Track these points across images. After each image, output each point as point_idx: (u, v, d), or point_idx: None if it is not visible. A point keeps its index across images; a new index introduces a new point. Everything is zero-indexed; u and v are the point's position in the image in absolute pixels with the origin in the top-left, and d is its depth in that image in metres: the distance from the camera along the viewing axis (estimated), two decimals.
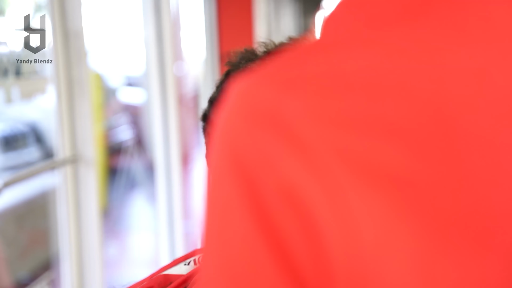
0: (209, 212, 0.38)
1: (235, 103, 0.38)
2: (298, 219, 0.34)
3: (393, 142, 0.35)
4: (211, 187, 0.38)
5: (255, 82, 0.38)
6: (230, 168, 0.36)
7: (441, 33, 0.38)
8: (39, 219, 3.51)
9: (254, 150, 0.35)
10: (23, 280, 3.21)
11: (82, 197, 2.11)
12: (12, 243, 3.30)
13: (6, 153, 4.10)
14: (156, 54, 3.02)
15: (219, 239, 0.37)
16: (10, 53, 1.83)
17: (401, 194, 0.34)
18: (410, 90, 0.37)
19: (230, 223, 0.36)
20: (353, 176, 0.34)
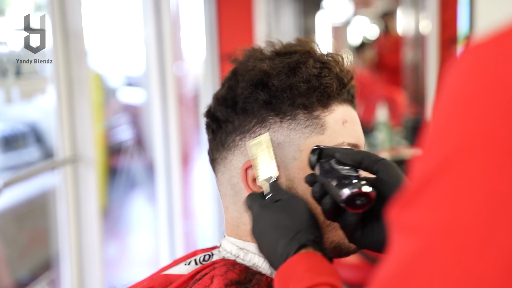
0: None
1: (489, 60, 0.41)
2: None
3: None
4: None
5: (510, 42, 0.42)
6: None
7: None
8: (39, 219, 3.51)
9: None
10: (23, 280, 3.21)
11: (82, 197, 2.11)
12: (12, 243, 3.30)
13: (6, 153, 4.10)
14: (156, 54, 3.02)
15: None
16: (10, 53, 1.83)
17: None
18: None
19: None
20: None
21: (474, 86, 0.41)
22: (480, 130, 0.40)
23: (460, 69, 0.43)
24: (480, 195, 0.39)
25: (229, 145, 0.92)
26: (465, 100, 0.42)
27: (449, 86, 0.43)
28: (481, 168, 0.39)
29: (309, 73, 0.89)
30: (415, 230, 0.41)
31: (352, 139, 0.90)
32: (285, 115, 0.89)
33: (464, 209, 0.39)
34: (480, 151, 0.40)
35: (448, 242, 0.39)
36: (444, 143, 0.41)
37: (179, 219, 3.13)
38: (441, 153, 0.41)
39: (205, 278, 0.87)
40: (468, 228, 0.39)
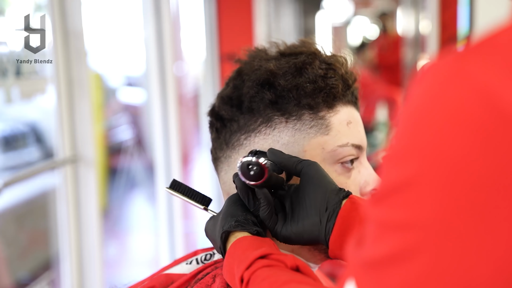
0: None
1: (450, 78, 0.44)
2: None
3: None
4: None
5: (472, 60, 0.44)
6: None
7: None
8: (39, 219, 3.51)
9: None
10: (23, 280, 3.21)
11: (82, 197, 2.11)
12: (12, 243, 3.30)
13: (6, 153, 4.10)
14: (156, 54, 3.02)
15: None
16: (10, 53, 1.83)
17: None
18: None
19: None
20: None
21: (435, 101, 0.44)
22: (437, 146, 0.43)
23: (422, 85, 0.45)
24: (442, 200, 0.43)
25: (233, 144, 0.92)
26: (424, 120, 0.44)
27: (413, 100, 0.46)
28: (435, 189, 0.43)
29: (315, 73, 0.89)
30: (389, 226, 0.46)
31: (356, 140, 0.91)
32: (291, 115, 0.89)
33: (432, 209, 0.43)
34: (438, 164, 0.43)
35: (415, 234, 0.44)
36: (408, 162, 0.45)
37: (179, 219, 3.13)
38: (404, 172, 0.45)
39: (207, 277, 0.87)
40: (431, 226, 0.43)
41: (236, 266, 0.76)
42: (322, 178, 0.82)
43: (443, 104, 0.43)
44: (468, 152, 0.41)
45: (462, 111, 0.42)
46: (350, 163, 0.90)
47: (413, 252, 0.43)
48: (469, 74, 0.43)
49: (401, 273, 0.44)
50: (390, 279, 0.44)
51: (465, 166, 0.41)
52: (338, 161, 0.89)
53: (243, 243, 0.80)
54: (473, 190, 0.41)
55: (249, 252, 0.77)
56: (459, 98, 0.42)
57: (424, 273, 0.43)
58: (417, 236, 0.43)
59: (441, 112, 0.43)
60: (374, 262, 0.46)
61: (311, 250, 0.91)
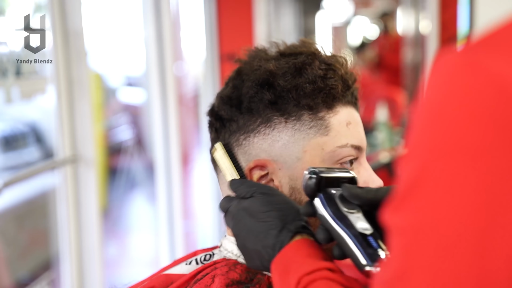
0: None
1: (465, 70, 0.44)
2: None
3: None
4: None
5: (485, 51, 0.44)
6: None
7: None
8: (39, 219, 3.51)
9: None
10: (23, 280, 3.21)
11: (82, 197, 2.11)
12: (12, 243, 3.30)
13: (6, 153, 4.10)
14: (156, 54, 3.01)
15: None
16: (10, 53, 1.83)
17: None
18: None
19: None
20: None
21: (447, 95, 0.44)
22: (452, 138, 0.43)
23: (437, 76, 0.46)
24: (453, 198, 0.43)
25: (232, 145, 0.92)
26: (439, 109, 0.45)
27: (427, 92, 0.46)
28: (454, 173, 0.43)
29: (315, 74, 0.89)
30: (402, 230, 0.45)
31: (355, 141, 0.90)
32: (290, 115, 0.89)
33: (441, 211, 0.43)
34: (452, 157, 0.43)
35: (428, 241, 0.43)
36: (423, 150, 0.45)
37: (179, 219, 3.13)
38: (420, 161, 0.45)
39: (206, 278, 0.87)
40: (443, 229, 0.43)
41: (296, 266, 0.73)
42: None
43: (460, 96, 0.44)
44: (485, 140, 0.42)
45: (477, 101, 0.43)
46: (350, 164, 0.90)
47: (434, 258, 0.43)
48: (481, 64, 0.43)
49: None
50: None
51: (483, 154, 0.42)
52: (338, 161, 0.89)
53: (309, 246, 0.76)
54: (491, 178, 0.42)
55: (315, 258, 0.73)
56: (473, 88, 0.43)
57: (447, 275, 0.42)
58: (432, 241, 0.43)
59: (458, 103, 0.43)
60: (392, 277, 0.45)
61: None
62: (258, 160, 0.90)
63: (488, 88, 0.42)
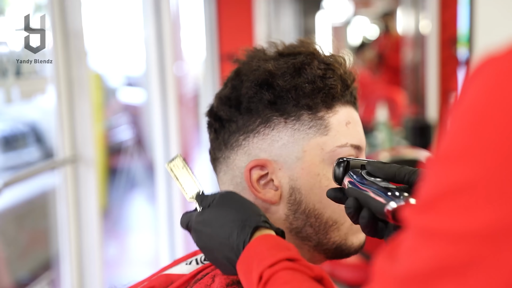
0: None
1: (508, 74, 0.42)
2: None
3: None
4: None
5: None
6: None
7: None
8: (39, 219, 3.51)
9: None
10: (23, 280, 3.21)
11: (82, 197, 2.11)
12: (12, 243, 3.30)
13: (6, 153, 4.10)
14: (156, 54, 3.02)
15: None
16: (10, 53, 1.83)
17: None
18: None
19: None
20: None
21: (493, 99, 0.42)
22: (498, 146, 0.41)
23: (483, 79, 0.43)
24: (490, 215, 0.40)
25: (232, 145, 0.92)
26: (484, 113, 0.42)
27: (469, 97, 0.43)
28: (499, 184, 0.40)
29: (314, 74, 0.89)
30: (437, 235, 0.42)
31: (355, 141, 0.91)
32: (290, 115, 0.89)
33: (480, 220, 0.40)
34: (497, 166, 0.40)
35: (466, 251, 0.40)
36: (464, 154, 0.42)
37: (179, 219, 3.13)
38: (461, 174, 0.42)
39: (207, 278, 0.87)
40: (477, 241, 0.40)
41: (257, 262, 0.74)
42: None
43: (502, 101, 0.41)
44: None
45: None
46: None
47: (467, 265, 0.40)
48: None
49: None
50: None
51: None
52: None
53: (269, 240, 0.77)
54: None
55: (275, 251, 0.74)
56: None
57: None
58: (473, 247, 0.40)
59: (503, 110, 0.41)
60: (411, 276, 0.42)
61: (310, 251, 0.91)
62: (257, 160, 0.90)
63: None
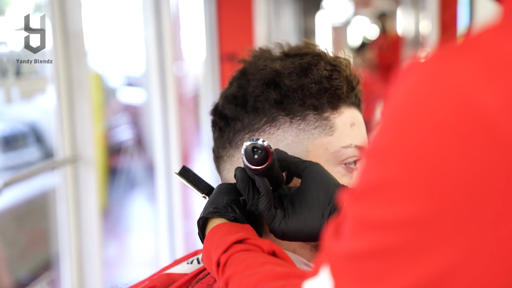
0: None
1: (431, 79, 0.44)
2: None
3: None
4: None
5: (454, 61, 0.44)
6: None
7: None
8: (39, 219, 3.51)
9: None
10: (23, 280, 3.21)
11: (82, 197, 2.11)
12: (12, 243, 3.30)
13: (6, 153, 4.10)
14: (156, 54, 3.02)
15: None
16: (10, 53, 1.83)
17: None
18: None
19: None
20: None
21: (411, 104, 0.45)
22: (413, 149, 0.44)
23: (404, 83, 0.46)
24: (407, 207, 0.44)
25: (237, 143, 0.92)
26: (405, 120, 0.45)
27: (394, 97, 0.47)
28: (415, 190, 0.44)
29: (320, 74, 0.90)
30: (366, 223, 0.47)
31: (359, 142, 0.91)
32: (295, 115, 0.89)
33: (392, 218, 0.45)
34: (408, 168, 0.44)
35: (375, 236, 0.46)
36: (389, 162, 0.45)
37: (179, 219, 3.13)
38: (385, 171, 0.46)
39: (209, 277, 0.87)
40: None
41: (213, 251, 0.77)
42: (324, 175, 0.82)
43: (423, 107, 0.44)
44: (448, 154, 0.42)
45: (442, 114, 0.43)
46: (354, 164, 0.90)
47: (391, 251, 0.44)
48: (450, 76, 0.43)
49: (379, 270, 0.45)
50: (368, 272, 0.46)
51: (444, 168, 0.42)
52: (342, 162, 0.89)
53: (221, 229, 0.80)
54: (452, 192, 0.42)
55: (226, 237, 0.77)
56: (439, 101, 0.43)
57: (404, 271, 0.44)
58: (396, 236, 0.44)
59: (421, 115, 0.44)
60: (351, 254, 0.47)
61: (312, 250, 0.91)
62: None
63: (456, 102, 0.42)
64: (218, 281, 0.76)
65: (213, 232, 0.81)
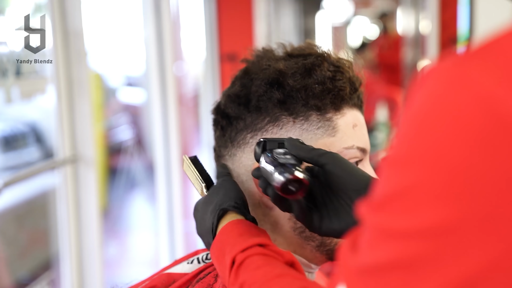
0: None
1: (451, 83, 0.43)
2: None
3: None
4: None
5: (474, 65, 0.43)
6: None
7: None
8: (39, 219, 3.51)
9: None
10: (23, 280, 3.21)
11: (82, 197, 2.11)
12: (12, 243, 3.30)
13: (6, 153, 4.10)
14: (156, 54, 3.02)
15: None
16: (10, 53, 1.83)
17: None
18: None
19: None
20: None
21: (433, 109, 0.44)
22: (434, 155, 0.43)
23: (426, 86, 0.45)
24: (431, 214, 0.43)
25: (239, 142, 0.92)
26: (425, 125, 0.44)
27: (415, 101, 0.45)
28: (436, 197, 0.43)
29: (324, 75, 0.90)
30: (388, 233, 0.45)
31: (361, 143, 0.91)
32: (298, 115, 0.90)
33: (415, 225, 0.43)
34: (432, 173, 0.43)
35: (397, 247, 0.44)
36: (408, 168, 0.44)
37: (179, 219, 3.13)
38: (405, 178, 0.44)
39: (209, 277, 0.87)
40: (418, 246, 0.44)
41: (230, 246, 0.76)
42: (351, 172, 0.79)
43: (444, 111, 0.43)
44: (471, 159, 0.41)
45: (463, 118, 0.42)
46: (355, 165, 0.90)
47: (413, 262, 0.43)
48: (470, 79, 0.42)
49: (400, 282, 0.43)
50: (388, 286, 0.44)
51: (468, 173, 0.41)
52: None
53: (241, 225, 0.80)
54: (476, 197, 0.41)
55: (246, 236, 0.77)
56: (460, 104, 0.42)
57: (427, 282, 0.42)
58: (418, 245, 0.43)
59: (442, 119, 0.43)
60: (370, 268, 0.46)
61: (313, 251, 0.91)
62: None
63: (476, 105, 0.42)
64: (226, 278, 0.75)
65: (231, 226, 0.80)
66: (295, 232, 0.91)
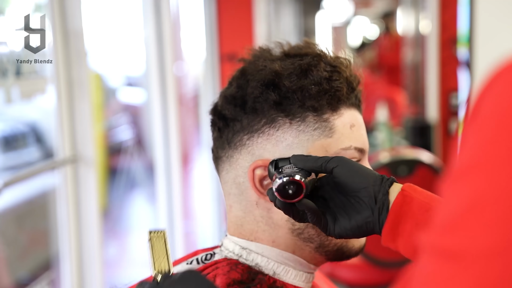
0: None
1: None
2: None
3: None
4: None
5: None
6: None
7: None
8: (39, 219, 3.51)
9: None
10: (23, 280, 3.21)
11: (82, 197, 2.11)
12: (12, 243, 3.30)
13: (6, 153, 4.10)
14: (156, 54, 3.01)
15: None
16: (10, 53, 1.83)
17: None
18: None
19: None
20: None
21: (508, 113, 0.41)
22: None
23: (496, 93, 0.42)
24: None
25: (235, 144, 0.92)
26: (500, 130, 0.41)
27: (484, 109, 0.42)
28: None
29: (320, 76, 0.89)
30: (461, 256, 0.41)
31: (358, 144, 0.91)
32: (295, 116, 0.89)
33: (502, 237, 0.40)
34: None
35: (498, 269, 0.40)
36: (479, 179, 0.41)
37: (179, 219, 3.13)
38: (477, 189, 0.41)
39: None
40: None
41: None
42: (358, 171, 0.81)
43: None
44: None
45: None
46: None
47: (498, 284, 0.40)
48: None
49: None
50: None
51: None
52: None
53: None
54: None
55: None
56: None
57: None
58: (497, 266, 0.40)
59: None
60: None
61: (312, 252, 0.91)
62: (261, 160, 0.89)
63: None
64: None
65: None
66: (293, 233, 0.90)
